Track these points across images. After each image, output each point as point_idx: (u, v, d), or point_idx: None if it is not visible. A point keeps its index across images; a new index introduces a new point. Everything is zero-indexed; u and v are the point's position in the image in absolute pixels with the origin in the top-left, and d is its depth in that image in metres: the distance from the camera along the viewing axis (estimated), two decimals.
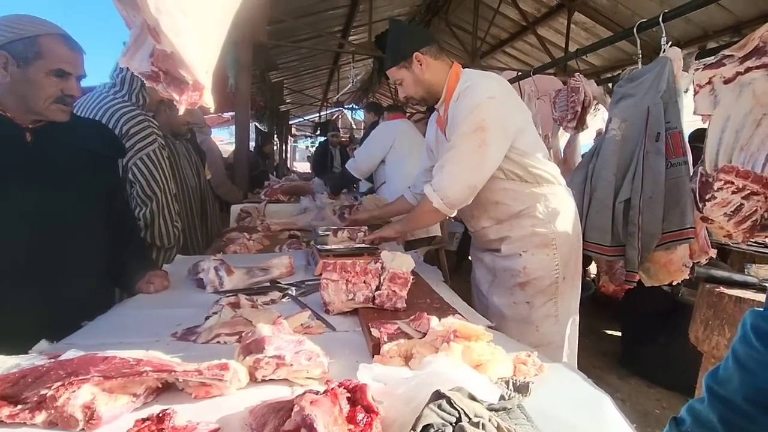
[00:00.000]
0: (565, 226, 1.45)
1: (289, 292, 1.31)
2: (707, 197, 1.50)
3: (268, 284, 1.41)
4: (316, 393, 0.64)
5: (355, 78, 6.91)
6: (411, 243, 2.38)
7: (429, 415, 0.61)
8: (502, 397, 0.70)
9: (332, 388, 0.64)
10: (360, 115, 13.78)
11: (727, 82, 1.54)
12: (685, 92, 1.95)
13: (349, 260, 1.49)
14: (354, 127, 13.71)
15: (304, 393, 0.64)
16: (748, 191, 1.43)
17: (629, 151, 1.93)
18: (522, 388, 0.74)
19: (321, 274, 1.49)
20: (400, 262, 1.43)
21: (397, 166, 3.06)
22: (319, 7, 5.55)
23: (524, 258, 1.44)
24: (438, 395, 0.63)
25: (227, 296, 1.21)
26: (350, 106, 12.55)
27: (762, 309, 0.49)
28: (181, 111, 0.61)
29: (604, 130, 2.12)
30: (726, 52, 1.54)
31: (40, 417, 0.64)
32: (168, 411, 0.61)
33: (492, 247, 1.56)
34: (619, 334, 3.32)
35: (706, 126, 1.63)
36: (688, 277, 1.91)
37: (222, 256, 1.56)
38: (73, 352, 0.71)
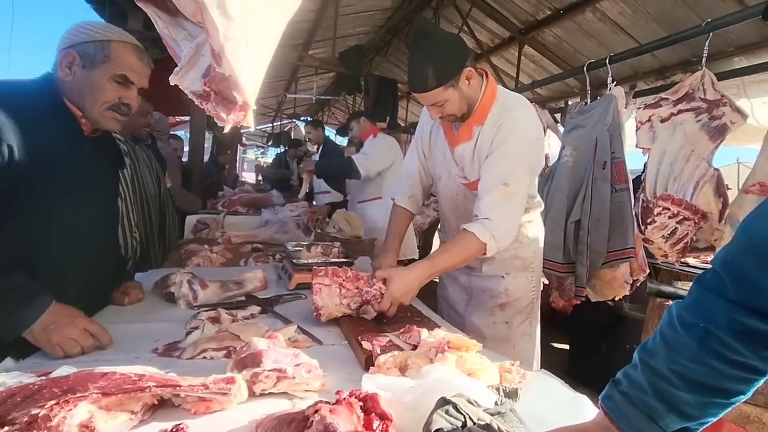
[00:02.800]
0: (540, 249, 1.55)
1: (271, 307, 1.30)
2: (648, 221, 1.70)
3: (244, 298, 1.39)
4: (329, 403, 0.66)
5: (317, 95, 6.91)
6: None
7: (438, 420, 0.65)
8: (495, 403, 0.76)
9: (345, 398, 0.66)
10: None
11: (663, 121, 1.76)
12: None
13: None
14: (306, 140, 13.64)
15: (316, 403, 0.66)
16: (682, 216, 1.64)
17: (579, 176, 2.13)
18: (512, 394, 0.80)
19: (296, 288, 1.50)
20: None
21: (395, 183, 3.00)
22: None
23: (506, 280, 1.49)
24: (444, 401, 0.68)
25: (206, 311, 1.18)
26: (305, 118, 12.49)
27: (685, 300, 0.61)
28: (227, 129, 0.61)
29: (557, 156, 2.32)
30: (663, 95, 1.77)
31: None
32: (181, 426, 0.60)
33: (469, 265, 1.55)
34: (564, 346, 3.55)
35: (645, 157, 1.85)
36: (628, 293, 2.12)
37: (189, 269, 1.51)
38: (66, 369, 0.67)
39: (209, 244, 2.26)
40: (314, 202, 4.27)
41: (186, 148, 4.50)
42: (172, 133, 4.36)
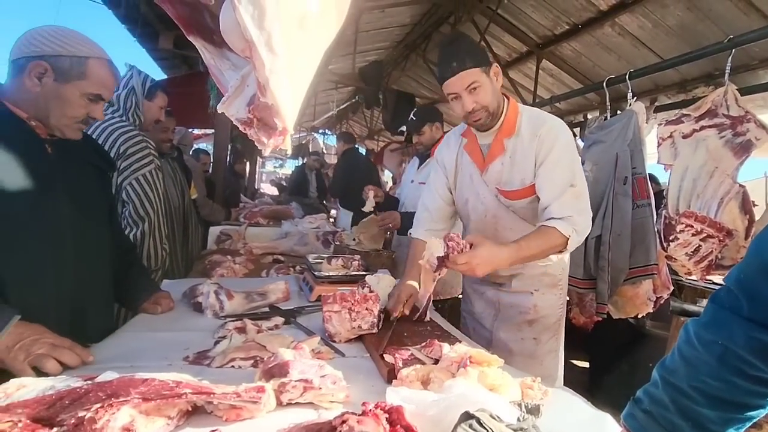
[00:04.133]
0: (567, 266, 1.56)
1: (295, 318, 1.33)
2: (671, 238, 1.68)
3: (268, 309, 1.43)
4: (354, 414, 0.68)
5: (337, 107, 7.05)
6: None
7: None
8: (517, 419, 0.77)
9: (371, 410, 0.68)
10: (331, 140, 13.95)
11: (685, 137, 1.75)
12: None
13: (345, 288, 1.54)
14: (324, 151, 13.84)
15: (343, 414, 0.68)
16: (705, 234, 1.62)
17: (600, 191, 2.12)
18: (534, 410, 0.81)
19: (317, 300, 1.53)
20: (386, 284, 1.50)
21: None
22: None
23: (535, 296, 1.49)
24: (467, 416, 0.69)
25: (232, 321, 1.22)
26: (323, 131, 12.70)
27: (702, 318, 0.62)
28: (267, 152, 0.66)
29: None
30: (684, 111, 1.76)
31: None
32: (216, 430, 0.63)
33: (497, 281, 1.57)
34: (584, 364, 3.48)
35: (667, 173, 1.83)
36: (651, 311, 2.08)
37: (215, 280, 1.56)
38: (109, 374, 0.72)
39: (232, 255, 2.32)
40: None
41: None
42: (198, 147, 4.51)
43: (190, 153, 4.00)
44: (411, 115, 2.41)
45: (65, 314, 1.05)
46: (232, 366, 0.99)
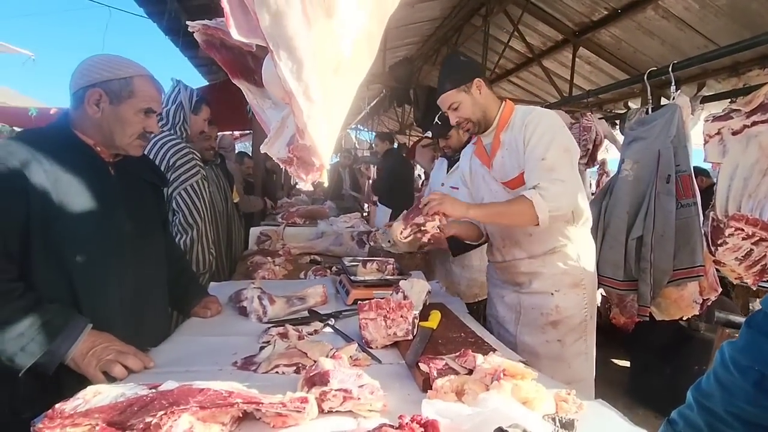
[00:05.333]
0: (591, 266, 1.54)
1: (330, 322, 1.39)
2: (719, 242, 1.61)
3: (307, 313, 1.50)
4: (392, 426, 0.72)
5: (368, 105, 7.09)
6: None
7: None
8: None
9: (407, 423, 0.72)
10: (364, 135, 14.04)
11: (735, 133, 1.66)
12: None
13: (380, 291, 1.58)
14: (357, 146, 13.95)
15: (381, 426, 0.73)
16: (757, 237, 1.54)
17: (641, 191, 2.04)
18: (568, 425, 0.82)
19: (354, 304, 1.59)
20: (419, 289, 1.53)
21: None
22: None
23: (556, 297, 1.50)
24: (501, 431, 0.72)
25: (275, 326, 1.30)
26: (354, 127, 12.80)
27: (737, 341, 0.61)
28: (307, 187, 0.71)
29: (616, 169, 2.24)
30: (734, 106, 1.67)
31: None
32: None
33: (517, 281, 1.61)
34: (623, 363, 3.38)
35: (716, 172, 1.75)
36: (697, 313, 2.00)
37: (257, 284, 1.64)
38: (170, 383, 0.79)
39: (272, 256, 2.42)
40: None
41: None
42: (241, 151, 4.68)
43: (235, 157, 4.17)
44: (436, 119, 2.36)
45: (128, 321, 1.15)
46: (277, 372, 1.05)
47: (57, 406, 0.74)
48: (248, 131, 5.94)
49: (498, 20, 5.39)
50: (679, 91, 2.06)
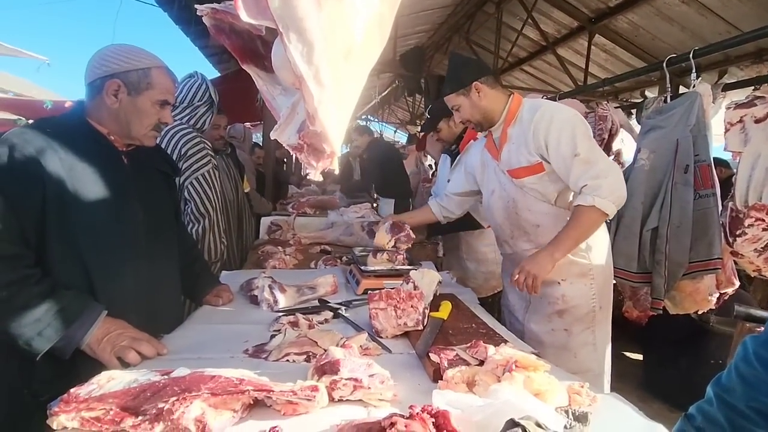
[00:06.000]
0: (601, 257, 1.52)
1: (341, 312, 1.39)
2: (738, 233, 1.57)
3: (317, 303, 1.50)
4: (402, 416, 0.72)
5: (378, 94, 7.03)
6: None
7: None
8: (564, 426, 0.77)
9: (418, 413, 0.71)
10: (374, 126, 13.96)
11: (758, 121, 1.61)
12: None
13: (391, 281, 1.58)
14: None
15: (391, 416, 0.72)
16: None
17: (657, 181, 2.00)
18: (581, 418, 0.80)
19: (364, 293, 1.59)
20: (430, 279, 1.53)
21: None
22: None
23: (563, 286, 1.51)
24: (513, 423, 0.71)
25: (285, 315, 1.30)
26: (365, 117, 12.73)
27: (761, 335, 0.59)
28: (315, 175, 0.70)
29: (632, 159, 2.19)
30: (757, 93, 1.61)
31: (158, 428, 0.73)
32: (276, 428, 0.70)
33: None
34: (637, 356, 3.35)
35: (736, 161, 1.70)
36: (713, 307, 1.96)
37: (269, 273, 1.65)
38: (182, 370, 0.80)
39: (282, 246, 2.43)
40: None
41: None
42: (255, 143, 4.68)
43: (248, 147, 4.17)
44: (426, 113, 2.40)
45: (142, 309, 1.17)
46: (287, 360, 1.06)
47: (72, 390, 0.75)
48: (259, 122, 5.94)
49: (511, 7, 5.28)
50: (699, 78, 1.99)
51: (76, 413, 0.73)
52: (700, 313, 1.99)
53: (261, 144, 4.74)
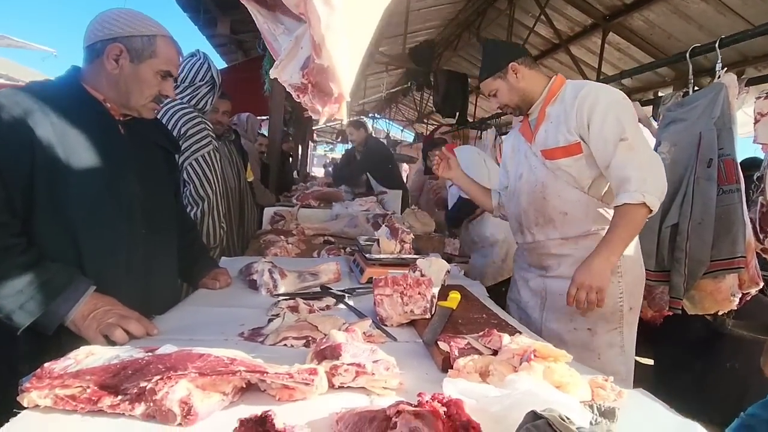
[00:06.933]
0: (630, 254, 1.42)
1: (345, 299, 1.32)
2: None
3: (319, 289, 1.42)
4: (410, 404, 0.64)
5: (386, 90, 6.96)
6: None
7: None
8: (590, 422, 0.69)
9: (427, 401, 0.64)
10: (381, 124, 13.90)
11: None
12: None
13: (396, 270, 1.50)
14: (373, 135, 13.84)
15: (398, 404, 0.65)
16: None
17: (678, 175, 1.91)
18: (608, 414, 0.72)
19: (368, 282, 1.51)
20: (438, 268, 1.45)
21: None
22: None
23: None
24: (534, 416, 0.63)
25: (285, 299, 1.23)
26: (372, 115, 12.67)
27: None
28: (322, 121, 0.63)
29: None
30: None
31: (140, 409, 0.66)
32: (269, 413, 0.62)
33: (544, 264, 1.54)
34: (647, 361, 3.25)
35: (764, 154, 1.61)
36: (734, 308, 1.87)
37: (269, 259, 1.58)
38: (169, 347, 0.73)
39: (285, 236, 2.36)
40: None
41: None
42: (260, 133, 4.66)
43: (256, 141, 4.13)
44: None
45: (135, 287, 1.10)
46: (285, 344, 0.98)
47: (46, 365, 0.68)
48: (265, 117, 5.89)
49: (524, 3, 5.19)
50: (725, 69, 1.90)
51: (49, 390, 0.66)
52: (720, 313, 1.90)
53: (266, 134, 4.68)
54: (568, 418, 0.65)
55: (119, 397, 0.67)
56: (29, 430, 0.64)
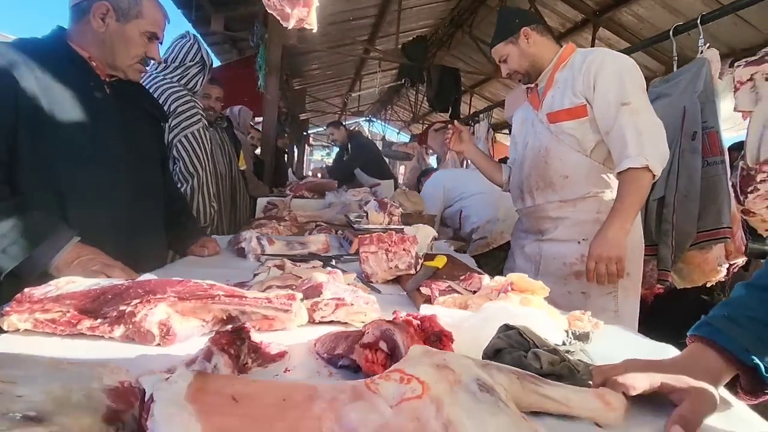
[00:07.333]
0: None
1: (332, 262, 1.33)
2: (749, 190, 1.50)
3: (307, 255, 1.43)
4: (384, 321, 0.65)
5: (381, 87, 7.01)
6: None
7: (499, 342, 0.62)
8: (563, 343, 0.70)
9: (403, 318, 0.65)
10: (376, 127, 13.97)
11: None
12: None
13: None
14: (369, 138, 13.90)
15: (372, 322, 0.66)
16: None
17: None
18: (582, 337, 0.74)
19: (356, 253, 1.52)
20: (424, 233, 1.46)
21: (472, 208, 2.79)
22: (346, 15, 5.71)
23: (582, 246, 1.41)
24: (507, 327, 0.64)
25: (271, 260, 1.24)
26: (368, 117, 12.73)
27: None
28: (291, 25, 0.65)
29: None
30: None
31: (119, 331, 0.67)
32: (245, 325, 0.63)
33: (541, 228, 1.55)
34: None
35: (746, 122, 1.63)
36: (722, 279, 1.88)
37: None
38: (148, 275, 0.74)
39: (278, 221, 2.37)
40: None
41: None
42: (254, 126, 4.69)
43: (249, 131, 4.16)
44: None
45: (120, 246, 1.10)
46: None
47: (26, 290, 0.69)
48: (259, 118, 5.94)
49: (515, 0, 5.26)
50: (707, 44, 1.94)
51: (29, 314, 0.67)
52: (712, 290, 1.91)
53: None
54: (538, 335, 0.66)
55: (98, 320, 0.67)
56: (10, 351, 0.65)
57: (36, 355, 0.49)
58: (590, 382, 0.55)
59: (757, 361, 0.51)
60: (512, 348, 0.60)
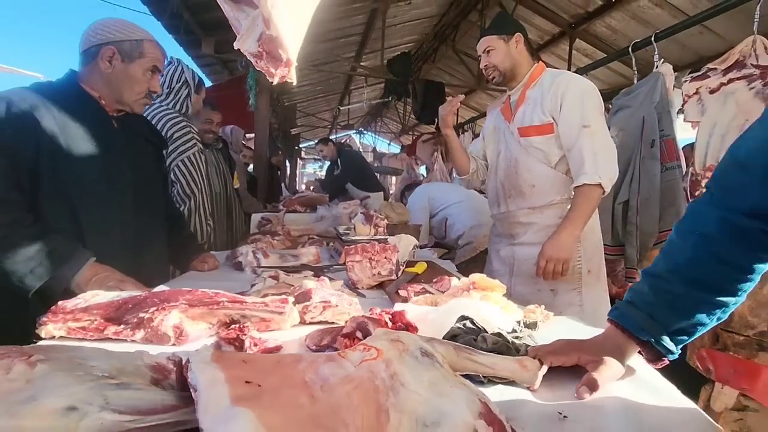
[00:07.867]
0: (589, 224, 1.57)
1: (325, 272, 1.46)
2: (696, 193, 1.65)
3: (300, 266, 1.56)
4: (364, 316, 0.79)
5: (368, 101, 7.20)
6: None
7: (456, 329, 0.76)
8: (513, 330, 0.84)
9: (378, 313, 0.78)
10: (367, 139, 14.19)
11: (712, 92, 1.71)
12: (680, 111, 2.12)
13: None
14: (361, 150, 14.11)
15: (353, 318, 0.79)
16: None
17: (626, 157, 2.09)
18: (531, 325, 0.87)
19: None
20: (406, 243, 1.60)
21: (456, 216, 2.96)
22: (333, 35, 5.91)
23: None
24: (463, 318, 0.78)
25: (266, 271, 1.37)
26: (358, 130, 12.94)
27: (681, 220, 0.70)
28: (275, 81, 0.79)
29: None
30: (710, 65, 1.72)
31: (139, 334, 0.79)
32: (246, 324, 0.76)
33: (512, 233, 1.69)
34: None
35: (695, 131, 1.80)
36: None
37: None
38: (162, 287, 0.86)
39: (271, 236, 2.49)
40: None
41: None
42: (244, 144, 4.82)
43: (241, 150, 4.29)
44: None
45: (128, 261, 1.23)
46: None
47: (60, 303, 0.82)
48: (250, 135, 6.09)
49: (494, 14, 5.49)
50: (662, 60, 2.11)
51: (63, 323, 0.80)
52: None
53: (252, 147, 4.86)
54: (489, 323, 0.80)
55: (122, 326, 0.80)
56: None
57: (90, 347, 0.62)
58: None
59: (649, 337, 0.65)
60: (466, 333, 0.73)
